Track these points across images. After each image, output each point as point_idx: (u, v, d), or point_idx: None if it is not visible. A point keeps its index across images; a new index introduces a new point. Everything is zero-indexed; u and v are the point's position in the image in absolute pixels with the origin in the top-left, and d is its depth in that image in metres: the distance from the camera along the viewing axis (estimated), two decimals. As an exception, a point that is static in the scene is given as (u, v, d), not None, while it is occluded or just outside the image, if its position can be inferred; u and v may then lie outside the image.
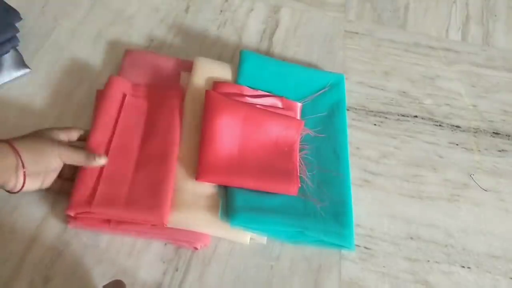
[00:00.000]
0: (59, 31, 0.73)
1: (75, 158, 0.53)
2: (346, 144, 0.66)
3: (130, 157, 0.59)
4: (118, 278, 0.49)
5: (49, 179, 0.53)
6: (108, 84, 0.63)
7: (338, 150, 0.65)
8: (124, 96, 0.63)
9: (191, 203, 0.56)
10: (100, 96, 0.63)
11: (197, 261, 0.56)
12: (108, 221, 0.54)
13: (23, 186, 0.50)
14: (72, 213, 0.53)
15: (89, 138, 0.58)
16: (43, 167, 0.51)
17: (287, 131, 0.63)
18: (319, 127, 0.67)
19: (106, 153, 0.57)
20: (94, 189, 0.54)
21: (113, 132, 0.60)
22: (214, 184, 0.59)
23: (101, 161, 0.55)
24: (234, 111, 0.62)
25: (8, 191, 0.51)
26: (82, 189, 0.54)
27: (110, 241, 0.55)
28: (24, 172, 0.49)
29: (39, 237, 0.55)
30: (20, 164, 0.48)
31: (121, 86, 0.64)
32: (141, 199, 0.54)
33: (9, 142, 0.48)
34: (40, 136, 0.53)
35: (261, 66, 0.69)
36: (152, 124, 0.62)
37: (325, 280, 0.57)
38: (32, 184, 0.52)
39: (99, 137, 0.58)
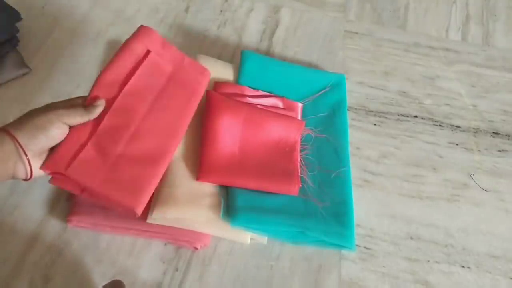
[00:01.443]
0: (59, 31, 0.73)
1: (75, 114, 0.48)
2: (347, 144, 0.66)
3: (129, 124, 0.51)
4: (118, 278, 0.49)
5: None
6: (134, 34, 0.55)
7: (339, 150, 0.65)
8: (148, 52, 0.55)
9: (192, 202, 0.56)
10: (123, 44, 0.55)
11: (197, 261, 0.56)
12: (81, 189, 0.49)
13: (31, 171, 0.47)
14: (46, 171, 0.48)
15: (92, 90, 0.51)
16: (45, 140, 0.46)
17: (287, 131, 0.63)
18: (320, 127, 0.67)
19: (105, 112, 0.50)
20: (77, 152, 0.48)
21: (120, 90, 0.52)
22: (215, 184, 0.59)
23: (99, 109, 0.50)
24: (234, 111, 0.62)
25: (24, 180, 0.48)
26: (65, 149, 0.48)
27: (110, 241, 0.55)
28: (26, 155, 0.45)
29: (39, 237, 0.55)
30: (19, 147, 0.45)
31: (148, 40, 0.55)
32: (122, 179, 0.48)
33: (2, 128, 0.45)
34: (32, 111, 0.48)
35: (262, 66, 0.69)
36: (166, 97, 0.54)
37: (325, 280, 0.57)
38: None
39: (102, 93, 0.51)
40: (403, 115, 0.73)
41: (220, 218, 0.56)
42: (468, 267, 0.60)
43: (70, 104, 0.50)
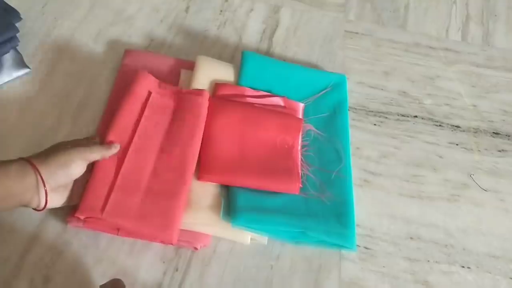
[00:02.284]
0: (59, 31, 0.73)
1: (94, 151, 0.52)
2: (348, 144, 0.66)
3: (147, 162, 0.56)
4: (118, 278, 0.49)
5: (69, 186, 0.52)
6: (135, 79, 0.60)
7: (340, 151, 0.65)
8: (149, 94, 0.60)
9: (192, 202, 0.56)
10: (125, 91, 0.60)
11: (197, 261, 0.56)
12: (117, 229, 0.54)
13: (46, 203, 0.49)
14: (81, 217, 0.52)
15: (108, 135, 0.56)
16: (64, 177, 0.49)
17: (287, 129, 0.63)
18: (321, 128, 0.67)
19: (124, 155, 0.55)
20: (108, 195, 0.52)
21: (133, 133, 0.57)
22: (215, 183, 0.59)
23: (115, 149, 0.54)
24: (232, 112, 0.62)
25: (34, 209, 0.50)
26: (95, 192, 0.52)
27: (110, 241, 0.55)
28: (45, 189, 0.48)
29: (39, 237, 0.55)
30: (40, 181, 0.47)
31: (147, 83, 0.61)
32: (153, 214, 0.53)
33: (27, 160, 0.47)
34: (57, 146, 0.51)
35: (263, 67, 0.69)
36: (174, 130, 0.59)
37: (325, 280, 0.57)
38: (57, 199, 0.51)
39: (118, 136, 0.56)
40: (403, 115, 0.73)
41: (220, 218, 0.56)
42: (468, 267, 0.60)
43: (90, 143, 0.54)
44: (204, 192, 0.58)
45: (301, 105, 0.68)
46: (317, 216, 0.58)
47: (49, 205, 0.50)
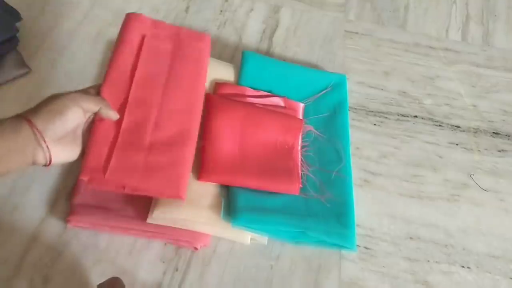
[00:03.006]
0: (59, 31, 0.73)
1: (89, 100, 0.48)
2: (348, 144, 0.66)
3: (149, 114, 0.51)
4: (116, 276, 0.49)
5: (77, 141, 0.49)
6: (123, 23, 0.54)
7: (340, 151, 0.65)
8: (143, 37, 0.54)
9: (193, 202, 0.56)
10: (117, 38, 0.54)
11: (197, 261, 0.56)
12: (123, 186, 0.50)
13: (51, 157, 0.46)
14: (85, 178, 0.48)
15: (102, 92, 0.51)
16: (62, 126, 0.46)
17: (287, 130, 0.63)
18: (321, 128, 0.67)
19: (123, 109, 0.50)
20: (110, 152, 0.48)
21: (130, 84, 0.52)
22: (215, 183, 0.59)
23: (115, 116, 0.50)
24: (233, 111, 0.62)
25: (44, 165, 0.47)
26: (96, 151, 0.49)
27: (109, 241, 0.55)
28: (45, 141, 0.45)
29: (39, 237, 0.55)
30: (36, 132, 0.44)
31: (139, 25, 0.55)
32: (159, 169, 0.49)
33: (19, 114, 0.45)
34: (49, 97, 0.48)
35: (263, 67, 0.69)
36: (175, 76, 0.53)
37: (325, 280, 0.57)
38: (63, 154, 0.48)
39: (113, 91, 0.51)
40: (403, 115, 0.73)
41: (220, 218, 0.56)
42: (468, 267, 0.60)
43: (84, 92, 0.50)
44: (204, 192, 0.58)
45: (301, 105, 0.68)
46: (317, 216, 0.58)
47: (56, 160, 0.47)
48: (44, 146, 0.45)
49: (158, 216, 0.54)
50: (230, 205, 0.56)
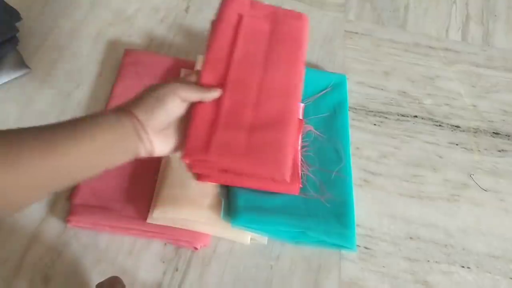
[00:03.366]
0: (59, 31, 0.73)
1: (190, 89, 0.47)
2: (348, 144, 0.66)
3: (249, 93, 0.50)
4: (115, 275, 0.49)
5: (175, 133, 0.48)
6: (221, 3, 0.54)
7: (340, 151, 0.65)
8: (241, 17, 0.54)
9: (192, 202, 0.56)
10: (215, 19, 0.54)
11: (197, 261, 0.56)
12: (225, 171, 0.49)
13: (153, 149, 0.45)
14: (187, 161, 0.47)
15: (202, 72, 0.50)
16: (163, 115, 0.45)
17: None
18: (321, 128, 0.67)
19: (223, 89, 0.49)
20: (211, 134, 0.47)
21: (229, 63, 0.51)
22: (215, 183, 0.59)
23: (216, 93, 0.48)
24: None
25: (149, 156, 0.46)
26: (197, 133, 0.47)
27: (109, 241, 0.55)
28: (147, 131, 0.44)
29: (39, 237, 0.55)
30: (137, 122, 0.43)
31: (237, 5, 0.54)
32: (262, 150, 0.47)
33: (119, 106, 0.44)
34: (148, 87, 0.46)
35: None
36: (273, 56, 0.52)
37: (325, 280, 0.57)
38: (163, 145, 0.46)
39: (213, 71, 0.50)
40: (403, 115, 0.73)
41: (220, 218, 0.56)
42: (468, 267, 0.60)
43: (183, 80, 0.49)
44: (204, 192, 0.58)
45: (301, 105, 0.68)
46: (317, 216, 0.58)
47: (157, 151, 0.46)
48: (145, 138, 0.44)
49: (158, 216, 0.54)
50: (230, 205, 0.56)
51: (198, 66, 0.67)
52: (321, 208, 0.59)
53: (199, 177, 0.50)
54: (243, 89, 0.50)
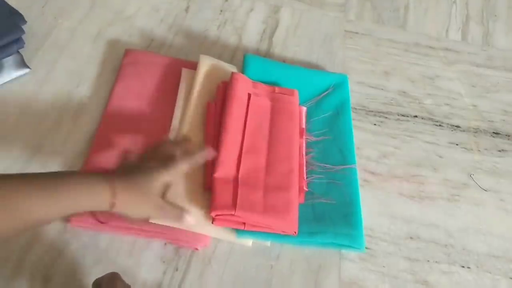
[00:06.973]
0: (59, 31, 0.73)
1: (174, 174, 0.50)
2: (352, 144, 0.66)
3: (260, 159, 0.60)
4: (115, 271, 0.49)
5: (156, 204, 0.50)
6: (233, 83, 0.63)
7: (344, 150, 0.65)
8: (249, 95, 0.64)
9: (194, 204, 0.56)
10: (226, 95, 0.62)
11: (197, 261, 0.56)
12: (243, 224, 0.55)
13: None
14: (214, 214, 0.54)
15: (222, 141, 0.58)
16: (134, 213, 0.48)
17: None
18: (324, 128, 0.66)
19: (240, 155, 0.59)
20: (235, 193, 0.55)
21: (243, 134, 0.61)
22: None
23: (191, 220, 0.51)
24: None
25: None
26: (222, 191, 0.55)
27: (110, 241, 0.55)
28: (114, 211, 0.46)
29: (39, 237, 0.55)
30: (113, 204, 0.46)
31: (244, 85, 0.64)
32: (275, 208, 0.56)
33: (110, 181, 0.46)
34: (143, 171, 0.49)
35: (265, 70, 0.69)
36: (276, 128, 0.63)
37: (325, 280, 0.57)
38: (136, 211, 0.49)
39: (233, 138, 0.59)
40: (403, 115, 0.73)
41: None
42: (468, 267, 0.60)
43: (171, 161, 0.51)
44: (205, 194, 0.58)
45: (304, 109, 0.68)
46: (325, 219, 0.58)
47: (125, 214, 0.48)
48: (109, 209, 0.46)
49: (158, 216, 0.54)
50: None
51: (201, 66, 0.67)
52: (328, 210, 0.59)
53: (215, 221, 0.55)
54: (255, 156, 0.60)
